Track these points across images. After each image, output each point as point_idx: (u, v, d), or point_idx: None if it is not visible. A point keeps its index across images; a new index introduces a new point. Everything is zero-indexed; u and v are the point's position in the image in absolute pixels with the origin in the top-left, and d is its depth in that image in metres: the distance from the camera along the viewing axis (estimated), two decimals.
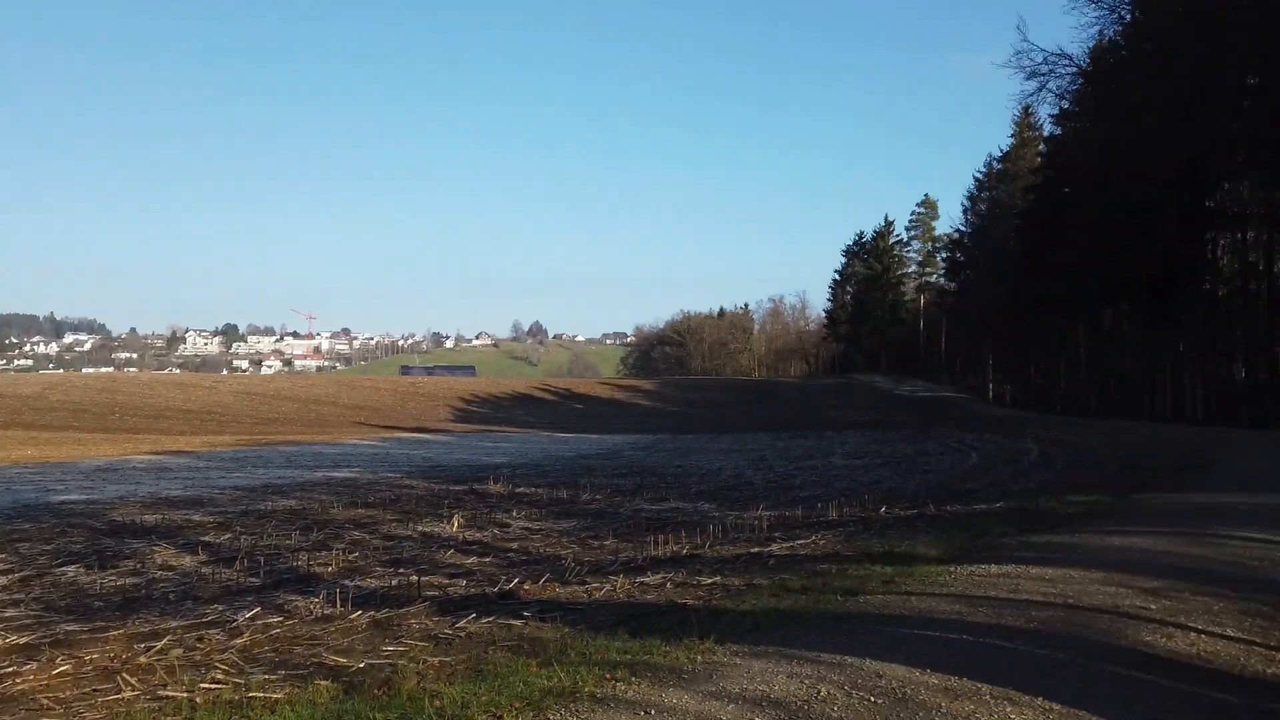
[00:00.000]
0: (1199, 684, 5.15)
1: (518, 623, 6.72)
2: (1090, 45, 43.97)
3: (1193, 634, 6.12)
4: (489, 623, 6.71)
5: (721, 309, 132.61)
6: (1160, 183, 36.47)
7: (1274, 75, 29.61)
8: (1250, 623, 6.49)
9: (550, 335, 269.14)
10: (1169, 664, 5.50)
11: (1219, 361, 44.79)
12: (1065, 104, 48.89)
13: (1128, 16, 41.69)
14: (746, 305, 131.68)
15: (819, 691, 4.88)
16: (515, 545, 11.08)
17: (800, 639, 5.99)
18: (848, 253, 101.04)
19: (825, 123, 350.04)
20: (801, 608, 6.94)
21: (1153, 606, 6.82)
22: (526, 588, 8.08)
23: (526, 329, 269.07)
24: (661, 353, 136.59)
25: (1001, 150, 75.15)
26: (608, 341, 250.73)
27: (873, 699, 4.77)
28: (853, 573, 8.28)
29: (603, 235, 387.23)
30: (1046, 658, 5.51)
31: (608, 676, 5.14)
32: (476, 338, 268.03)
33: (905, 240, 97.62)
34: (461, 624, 6.68)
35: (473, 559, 10.03)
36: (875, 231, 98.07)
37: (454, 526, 12.28)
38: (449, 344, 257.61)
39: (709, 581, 8.25)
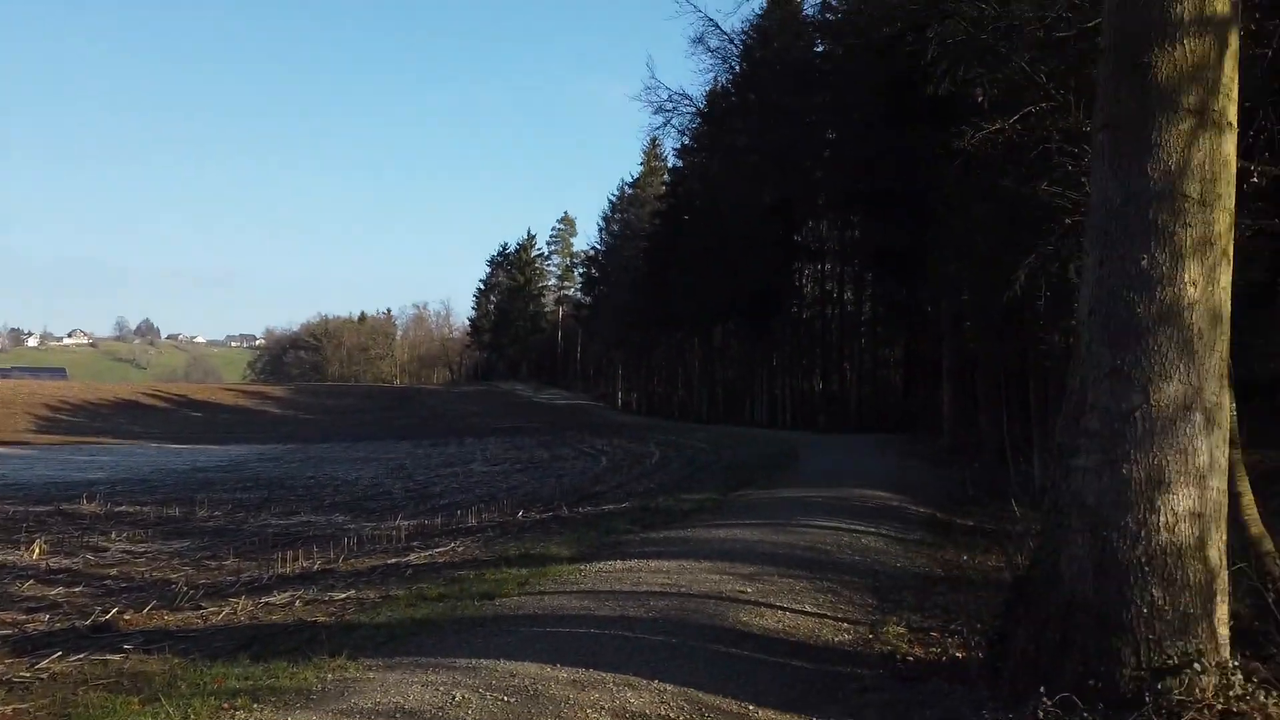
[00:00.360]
0: (784, 655, 6.00)
1: (116, 657, 6.01)
2: (708, 89, 49.08)
3: (780, 612, 7.10)
4: (80, 660, 5.93)
5: (363, 314, 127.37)
6: (760, 217, 41.72)
7: (847, 132, 35.24)
8: (823, 599, 7.67)
9: (164, 335, 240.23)
10: (760, 639, 6.33)
11: (803, 375, 52.26)
12: (686, 140, 54.00)
13: (737, 68, 47.10)
14: (390, 311, 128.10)
15: (454, 696, 4.96)
16: (114, 571, 9.91)
17: (436, 647, 6.03)
18: (492, 263, 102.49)
19: (472, 134, 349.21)
20: (438, 615, 6.97)
21: (749, 590, 7.79)
22: (127, 617, 7.26)
23: (134, 327, 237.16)
24: (295, 357, 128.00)
25: (633, 176, 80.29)
26: (233, 344, 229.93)
27: (506, 698, 4.94)
28: (490, 577, 8.46)
29: (228, 229, 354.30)
30: (662, 643, 6.07)
31: (225, 707, 4.79)
32: (69, 336, 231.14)
33: (546, 254, 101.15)
34: (43, 664, 5.82)
35: (59, 590, 8.80)
36: (518, 244, 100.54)
37: (34, 553, 10.69)
38: (32, 342, 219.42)
39: (342, 596, 7.99)
